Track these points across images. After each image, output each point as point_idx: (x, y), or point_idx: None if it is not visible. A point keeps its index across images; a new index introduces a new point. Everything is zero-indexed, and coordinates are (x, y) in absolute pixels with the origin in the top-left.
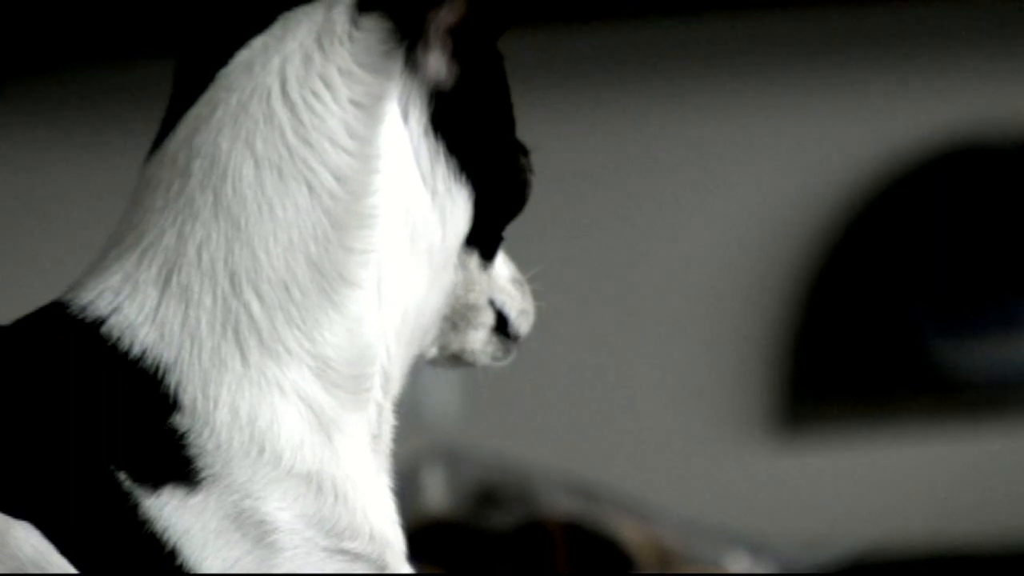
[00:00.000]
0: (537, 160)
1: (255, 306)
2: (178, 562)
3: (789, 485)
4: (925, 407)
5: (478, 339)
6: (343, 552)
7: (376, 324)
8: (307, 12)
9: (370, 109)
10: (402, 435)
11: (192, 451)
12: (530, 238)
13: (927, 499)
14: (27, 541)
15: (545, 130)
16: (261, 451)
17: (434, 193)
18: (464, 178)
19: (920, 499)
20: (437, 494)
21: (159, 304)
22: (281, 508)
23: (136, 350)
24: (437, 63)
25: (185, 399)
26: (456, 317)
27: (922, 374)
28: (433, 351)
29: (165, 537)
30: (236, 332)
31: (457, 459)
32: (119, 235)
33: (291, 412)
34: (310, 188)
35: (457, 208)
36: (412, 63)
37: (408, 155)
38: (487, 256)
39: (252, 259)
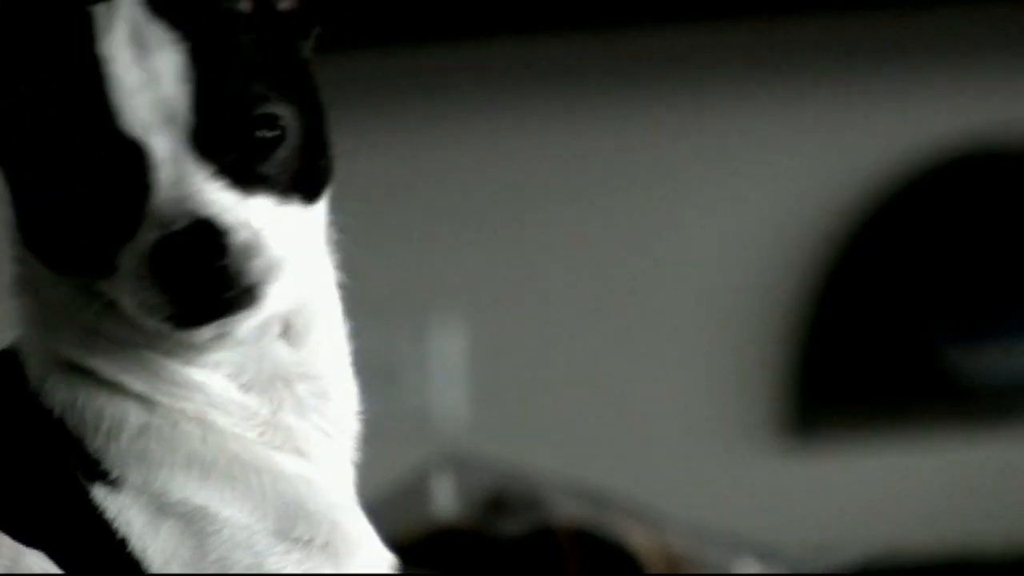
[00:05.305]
0: (543, 165)
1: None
2: (127, 550)
3: (799, 491)
4: (936, 413)
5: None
6: (273, 533)
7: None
8: None
9: None
10: (412, 442)
11: (94, 456)
12: (536, 245)
13: (937, 505)
14: (40, 567)
15: (552, 136)
16: (132, 451)
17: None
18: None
19: (930, 505)
20: (446, 501)
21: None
22: (187, 496)
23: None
24: None
25: (56, 410)
26: None
27: (933, 380)
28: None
29: (115, 526)
30: (49, 337)
31: (466, 466)
32: None
33: (123, 402)
34: None
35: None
36: None
37: None
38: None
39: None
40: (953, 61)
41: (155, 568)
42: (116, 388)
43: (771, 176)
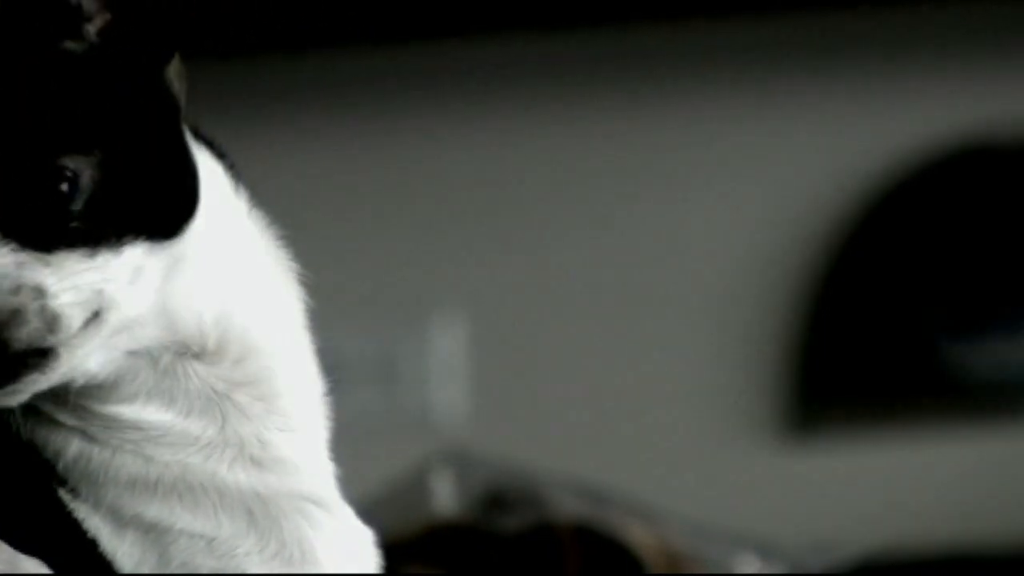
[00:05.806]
0: (543, 163)
1: None
2: (99, 549)
3: (799, 488)
4: (936, 409)
5: None
6: (231, 539)
7: None
8: None
9: None
10: (412, 439)
11: (52, 463)
12: (536, 243)
13: (937, 502)
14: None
15: (552, 134)
16: (75, 470)
17: None
18: None
19: (930, 502)
20: (446, 498)
21: None
22: (139, 512)
23: None
24: None
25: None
26: None
27: (933, 376)
28: None
29: (85, 526)
30: None
31: (466, 462)
32: None
33: (66, 432)
34: None
35: None
36: None
37: None
38: None
39: None
40: (953, 58)
41: (127, 570)
42: (56, 421)
43: (770, 174)
